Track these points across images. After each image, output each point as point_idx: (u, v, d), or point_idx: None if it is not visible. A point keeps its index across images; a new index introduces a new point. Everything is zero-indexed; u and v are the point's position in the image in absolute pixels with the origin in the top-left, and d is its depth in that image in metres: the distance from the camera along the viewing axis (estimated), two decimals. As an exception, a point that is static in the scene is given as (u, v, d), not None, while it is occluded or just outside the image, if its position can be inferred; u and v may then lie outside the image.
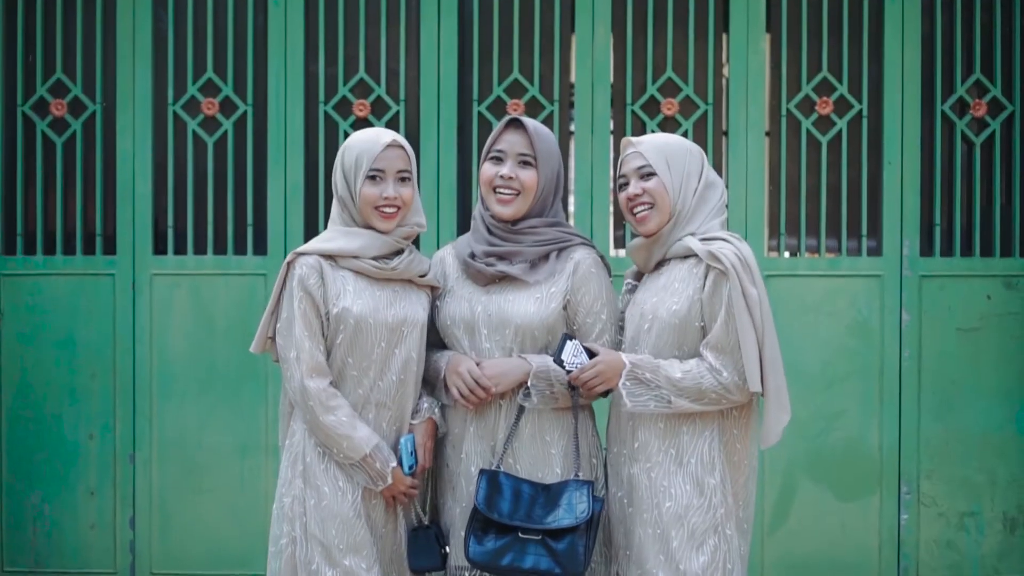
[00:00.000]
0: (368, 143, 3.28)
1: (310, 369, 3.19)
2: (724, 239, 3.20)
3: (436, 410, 3.34)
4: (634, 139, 3.32)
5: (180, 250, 5.29)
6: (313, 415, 3.18)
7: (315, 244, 3.28)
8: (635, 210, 3.28)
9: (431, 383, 3.37)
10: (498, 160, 3.32)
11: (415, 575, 3.34)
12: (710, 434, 3.19)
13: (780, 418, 3.19)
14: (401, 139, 3.31)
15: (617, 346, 3.31)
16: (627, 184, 3.29)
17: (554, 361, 3.16)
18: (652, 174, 3.24)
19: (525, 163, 3.30)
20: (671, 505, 3.17)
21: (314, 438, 3.22)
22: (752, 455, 3.27)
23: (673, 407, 3.14)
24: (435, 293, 3.39)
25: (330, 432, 3.18)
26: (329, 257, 3.25)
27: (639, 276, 3.44)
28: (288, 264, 3.26)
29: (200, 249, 5.30)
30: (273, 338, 3.30)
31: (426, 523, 3.35)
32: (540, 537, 3.13)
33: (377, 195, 3.25)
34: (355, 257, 3.25)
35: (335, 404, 3.19)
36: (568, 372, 3.16)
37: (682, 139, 3.36)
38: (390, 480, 3.21)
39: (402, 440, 3.25)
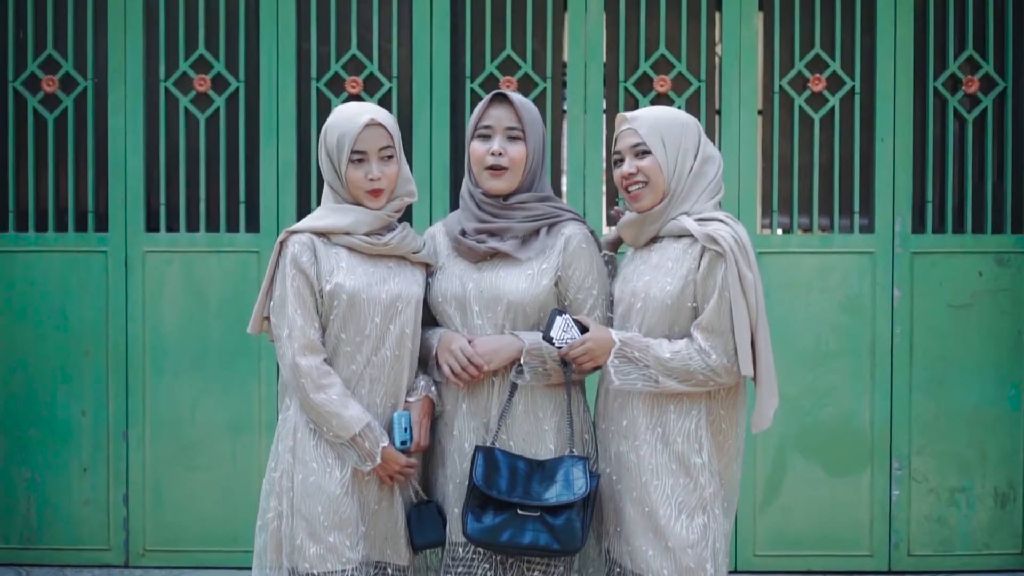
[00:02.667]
0: (348, 123, 3.24)
1: (302, 347, 3.19)
2: (721, 220, 3.17)
3: (433, 388, 3.33)
4: (629, 115, 3.28)
5: (172, 227, 5.29)
6: (304, 393, 3.18)
7: (307, 222, 3.28)
8: (629, 188, 3.26)
9: (423, 360, 3.36)
10: (486, 136, 3.31)
11: (416, 551, 3.34)
12: (697, 413, 3.19)
13: (771, 402, 3.18)
14: (380, 115, 3.28)
15: (608, 322, 3.31)
16: (622, 161, 3.27)
17: (543, 338, 3.16)
18: (647, 152, 3.21)
19: (513, 137, 3.30)
20: (658, 483, 3.17)
21: (306, 415, 3.23)
22: (738, 436, 3.26)
23: (660, 387, 3.14)
24: (428, 270, 3.38)
25: (320, 410, 3.17)
26: (322, 234, 3.25)
27: (614, 247, 3.46)
28: (281, 243, 3.25)
29: (192, 226, 5.29)
30: (269, 318, 3.29)
31: (426, 499, 3.35)
32: (538, 513, 3.14)
33: (362, 177, 3.24)
34: (347, 233, 3.25)
35: (327, 382, 3.18)
36: (558, 348, 3.17)
37: (677, 113, 3.30)
38: (379, 460, 3.19)
39: (395, 415, 3.25)
